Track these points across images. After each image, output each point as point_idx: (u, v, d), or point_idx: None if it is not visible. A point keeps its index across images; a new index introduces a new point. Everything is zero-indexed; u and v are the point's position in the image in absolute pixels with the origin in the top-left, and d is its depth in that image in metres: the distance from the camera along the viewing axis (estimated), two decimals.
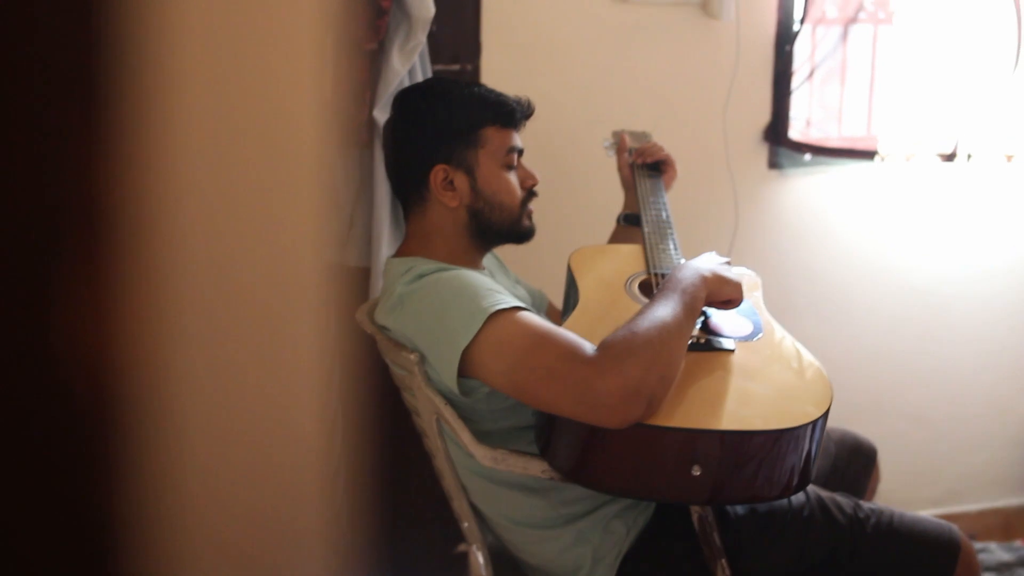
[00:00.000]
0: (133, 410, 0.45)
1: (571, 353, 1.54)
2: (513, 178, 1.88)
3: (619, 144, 2.24)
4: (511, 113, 1.87)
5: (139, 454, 0.45)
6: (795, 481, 1.61)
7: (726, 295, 1.72)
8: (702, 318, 1.76)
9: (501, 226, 1.87)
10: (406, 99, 1.91)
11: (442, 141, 1.83)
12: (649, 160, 2.17)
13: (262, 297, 0.48)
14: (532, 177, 1.91)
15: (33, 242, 0.42)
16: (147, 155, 0.43)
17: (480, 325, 1.59)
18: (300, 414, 0.50)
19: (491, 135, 1.85)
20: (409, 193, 1.89)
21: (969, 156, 2.97)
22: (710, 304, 1.72)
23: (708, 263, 1.76)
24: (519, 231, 1.90)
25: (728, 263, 1.82)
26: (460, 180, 1.84)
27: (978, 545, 2.88)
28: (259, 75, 0.46)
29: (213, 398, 0.48)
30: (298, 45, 0.47)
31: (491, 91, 1.91)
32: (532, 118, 1.83)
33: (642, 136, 2.28)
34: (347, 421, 0.52)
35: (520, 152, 1.90)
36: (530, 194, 1.91)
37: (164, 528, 0.46)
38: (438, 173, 1.84)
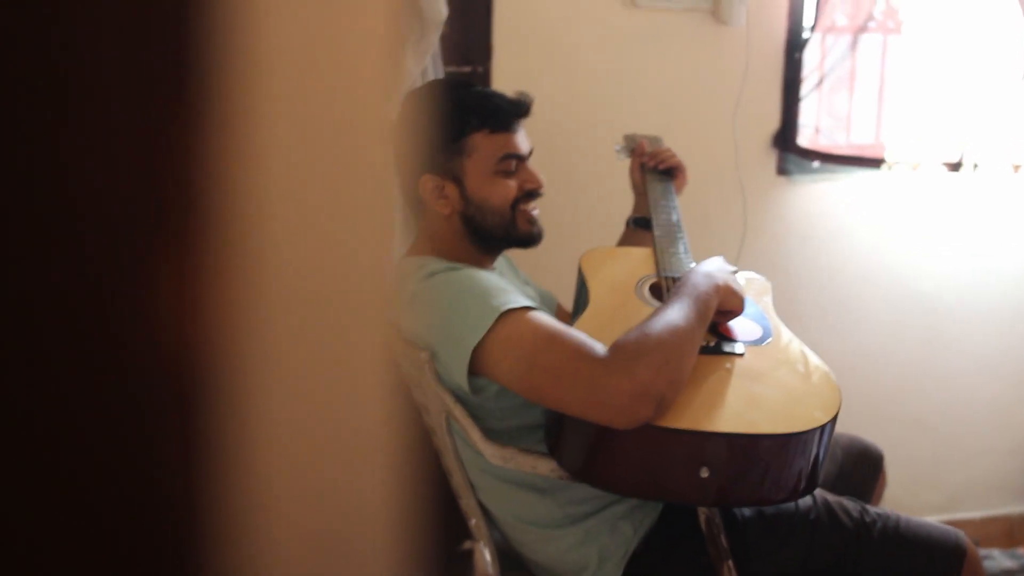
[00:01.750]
0: (218, 395, 0.46)
1: (581, 353, 1.55)
2: (507, 182, 1.84)
3: (636, 148, 2.25)
4: (499, 117, 1.83)
5: (222, 438, 0.46)
6: (802, 485, 1.62)
7: (731, 306, 1.74)
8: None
9: (495, 231, 1.85)
10: (404, 104, 1.90)
11: (429, 151, 1.82)
12: (661, 166, 2.18)
13: (336, 290, 0.49)
14: (533, 180, 1.86)
15: (133, 230, 0.44)
16: (238, 153, 0.45)
17: (491, 323, 1.60)
18: (368, 404, 0.51)
19: (479, 142, 1.82)
20: (408, 198, 1.90)
21: (975, 166, 2.98)
22: (722, 309, 1.73)
23: (721, 272, 1.77)
24: (516, 235, 1.87)
25: (735, 272, 1.83)
26: (450, 188, 1.83)
27: (982, 552, 2.88)
28: (335, 83, 0.48)
29: (292, 388, 0.49)
30: (369, 52, 0.48)
31: (482, 94, 1.88)
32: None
33: (654, 140, 2.29)
34: (402, 413, 0.53)
35: (519, 157, 1.85)
36: (527, 196, 1.86)
37: (242, 511, 0.48)
38: (426, 183, 1.84)
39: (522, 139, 1.87)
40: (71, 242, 0.44)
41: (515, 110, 1.85)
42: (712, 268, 1.77)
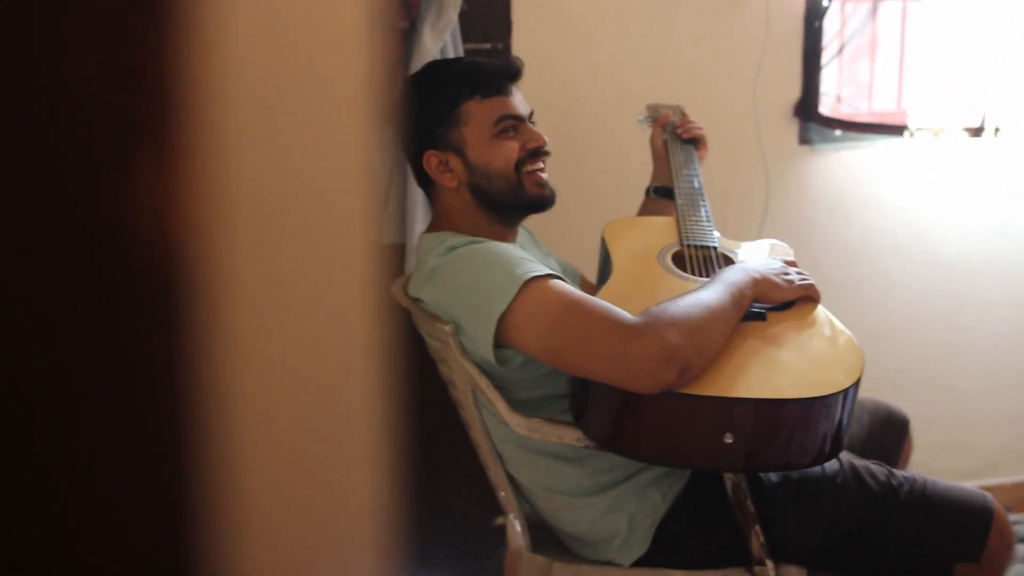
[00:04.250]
0: (196, 296, 0.47)
1: (607, 317, 1.57)
2: (508, 144, 1.84)
3: (659, 118, 2.25)
4: (489, 81, 1.85)
5: (201, 348, 0.47)
6: (827, 448, 1.63)
7: (777, 298, 1.75)
8: None
9: (503, 196, 1.85)
10: (404, 88, 1.93)
11: (425, 128, 1.84)
12: (686, 135, 2.19)
13: (310, 278, 0.50)
14: (535, 138, 1.86)
15: (109, 128, 0.45)
16: (211, 60, 0.46)
17: (515, 293, 1.61)
18: (348, 377, 0.52)
19: (472, 109, 1.83)
20: (418, 178, 1.92)
21: (997, 130, 2.96)
22: (761, 303, 1.73)
23: (763, 265, 1.79)
24: (526, 200, 1.86)
25: (788, 262, 1.85)
26: (453, 160, 1.84)
27: (1013, 517, 2.87)
28: (307, 47, 0.49)
29: (266, 287, 0.49)
30: (340, 21, 0.49)
31: (470, 63, 1.90)
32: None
33: (676, 110, 2.29)
34: (390, 388, 0.53)
35: (517, 118, 1.86)
36: (531, 156, 1.86)
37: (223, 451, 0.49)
38: (430, 159, 1.85)
39: (518, 101, 1.88)
40: (48, 140, 0.45)
41: (504, 73, 1.87)
42: (753, 263, 1.79)
